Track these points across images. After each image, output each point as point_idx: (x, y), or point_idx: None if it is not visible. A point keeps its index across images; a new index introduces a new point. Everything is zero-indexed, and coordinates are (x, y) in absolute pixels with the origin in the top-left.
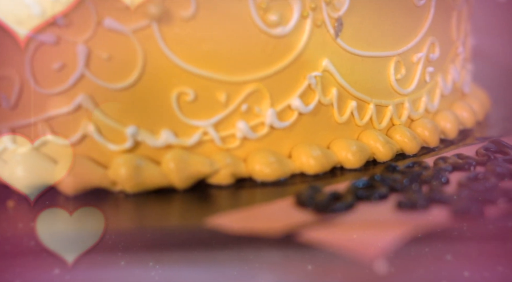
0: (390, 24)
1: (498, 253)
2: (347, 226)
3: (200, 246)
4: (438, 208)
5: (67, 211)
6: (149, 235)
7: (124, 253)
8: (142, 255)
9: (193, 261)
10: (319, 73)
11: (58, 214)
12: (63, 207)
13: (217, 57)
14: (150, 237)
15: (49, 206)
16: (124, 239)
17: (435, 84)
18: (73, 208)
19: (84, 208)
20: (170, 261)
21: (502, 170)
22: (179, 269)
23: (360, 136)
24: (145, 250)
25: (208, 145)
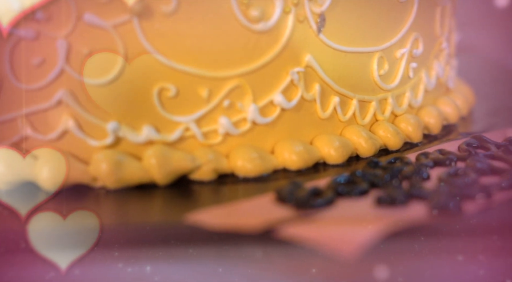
0: (373, 19)
1: (476, 248)
2: (326, 222)
3: (180, 242)
4: (417, 204)
5: (48, 209)
6: (130, 231)
7: (104, 249)
8: (122, 252)
9: (173, 257)
10: (301, 69)
11: (42, 213)
12: (44, 203)
13: (198, 52)
14: (131, 233)
15: (30, 202)
16: (105, 235)
17: (419, 80)
18: (53, 204)
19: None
20: (151, 258)
21: (482, 165)
22: (160, 266)
23: (343, 132)
24: (125, 246)
25: (190, 141)
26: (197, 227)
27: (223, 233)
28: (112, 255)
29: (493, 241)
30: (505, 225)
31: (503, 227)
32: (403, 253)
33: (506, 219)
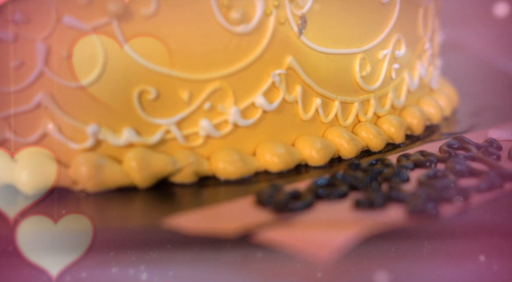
0: (354, 21)
1: (454, 250)
2: (304, 225)
3: (159, 246)
4: (395, 207)
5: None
6: (110, 235)
7: (84, 253)
8: (102, 256)
9: (152, 261)
10: (283, 71)
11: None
12: (23, 207)
13: (179, 55)
14: (111, 237)
15: (10, 205)
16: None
17: (402, 80)
18: (33, 207)
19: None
20: (130, 261)
21: (461, 167)
22: (139, 270)
23: (325, 133)
24: (105, 250)
25: (171, 143)
26: (175, 231)
27: (202, 237)
28: (92, 259)
29: (471, 244)
30: (483, 228)
31: (481, 230)
32: (380, 256)
33: (484, 222)
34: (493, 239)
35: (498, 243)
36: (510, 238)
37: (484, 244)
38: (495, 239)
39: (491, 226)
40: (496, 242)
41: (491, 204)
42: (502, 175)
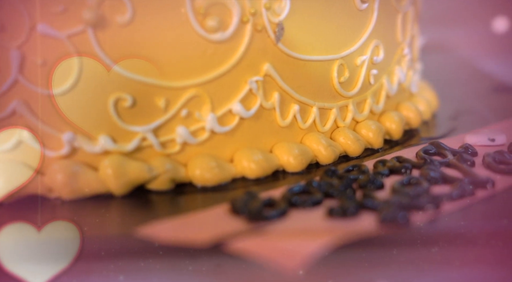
0: (332, 28)
1: (424, 258)
2: (276, 234)
3: (132, 255)
4: (367, 215)
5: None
6: (84, 243)
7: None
8: (76, 265)
9: (126, 270)
10: (260, 78)
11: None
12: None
13: (155, 62)
14: (85, 246)
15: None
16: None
17: (380, 86)
18: (7, 215)
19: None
20: (105, 271)
21: (435, 174)
22: (112, 279)
23: (303, 139)
24: (79, 259)
25: (148, 150)
26: (148, 240)
27: (174, 246)
28: (67, 268)
29: (442, 252)
30: (454, 235)
31: (452, 237)
32: (352, 265)
33: (455, 229)
34: (465, 247)
35: (470, 251)
36: (482, 245)
37: (456, 251)
38: (467, 247)
39: (463, 234)
40: (468, 250)
41: (463, 212)
42: (474, 182)
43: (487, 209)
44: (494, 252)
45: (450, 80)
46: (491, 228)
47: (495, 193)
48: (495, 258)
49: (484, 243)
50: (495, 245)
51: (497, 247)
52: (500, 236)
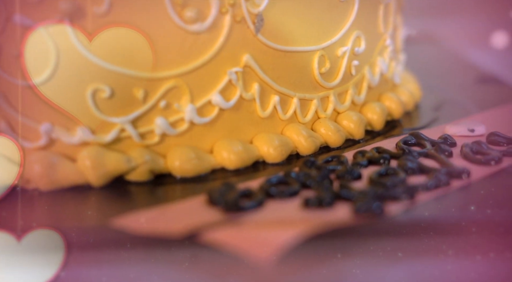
0: (313, 19)
1: (398, 248)
2: (250, 225)
3: (108, 246)
4: (343, 206)
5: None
6: (61, 234)
7: (35, 253)
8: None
9: (101, 261)
10: (239, 69)
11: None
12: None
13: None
14: (62, 237)
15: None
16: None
17: (362, 77)
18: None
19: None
20: (79, 262)
21: (413, 165)
22: (87, 270)
23: (284, 130)
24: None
25: (127, 141)
26: (124, 231)
27: (149, 237)
28: (43, 259)
29: (416, 242)
30: (428, 225)
31: (427, 227)
32: (326, 255)
33: (429, 219)
34: (439, 237)
35: (444, 241)
36: (456, 235)
37: (430, 241)
38: (441, 237)
39: (437, 224)
40: (442, 240)
41: (438, 202)
42: (450, 172)
43: (462, 199)
44: (468, 241)
45: (436, 71)
46: (465, 218)
47: (471, 183)
48: (469, 247)
49: (458, 232)
50: (469, 235)
51: (471, 236)
52: (474, 225)
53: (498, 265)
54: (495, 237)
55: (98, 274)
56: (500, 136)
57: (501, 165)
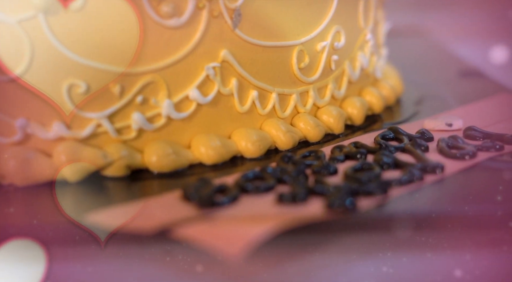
0: (291, 14)
1: (370, 243)
2: (223, 220)
3: (82, 241)
4: (316, 201)
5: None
6: (35, 230)
7: (9, 249)
8: (28, 251)
9: (75, 257)
10: (217, 64)
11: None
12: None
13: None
14: (35, 232)
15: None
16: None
17: (342, 71)
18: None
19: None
20: (54, 257)
21: (388, 159)
22: (62, 265)
23: (263, 125)
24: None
25: (103, 137)
26: (96, 227)
27: (123, 232)
28: (17, 254)
29: (389, 236)
30: (402, 220)
31: (400, 222)
32: (299, 250)
33: (402, 214)
34: (411, 232)
35: (417, 236)
36: (428, 229)
37: (403, 236)
38: (414, 232)
39: (410, 218)
40: (415, 235)
41: (411, 197)
42: (424, 167)
43: (436, 193)
44: (441, 236)
45: (420, 65)
46: (439, 212)
47: (445, 178)
48: (442, 241)
49: (431, 227)
50: (442, 229)
51: (444, 230)
52: (447, 220)
53: (471, 259)
54: (468, 232)
55: (72, 269)
56: (477, 130)
57: (476, 160)
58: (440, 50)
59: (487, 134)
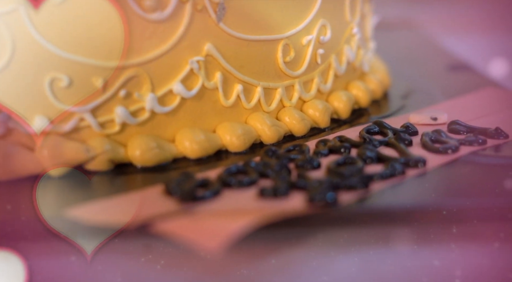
0: (276, 7)
1: (351, 237)
2: (204, 215)
3: (63, 235)
4: (298, 195)
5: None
6: (16, 225)
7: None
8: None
9: (57, 251)
10: (201, 58)
11: None
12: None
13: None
14: (18, 227)
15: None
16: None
17: (328, 65)
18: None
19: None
20: (36, 252)
21: (371, 154)
22: (39, 260)
23: (248, 119)
24: (12, 240)
25: (86, 131)
26: (76, 221)
27: (104, 227)
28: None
29: (370, 231)
30: (383, 214)
31: (381, 217)
32: (280, 244)
33: (383, 208)
34: (393, 226)
35: (398, 230)
36: (408, 224)
37: (384, 231)
38: (395, 226)
39: (390, 213)
40: (396, 229)
41: (393, 191)
42: (407, 161)
43: (417, 188)
44: (421, 229)
45: (409, 57)
46: (420, 207)
47: (427, 172)
48: (421, 235)
49: (411, 221)
50: (422, 223)
51: (424, 224)
52: (428, 214)
53: (452, 254)
54: (448, 226)
55: (53, 263)
56: (461, 125)
57: (458, 154)
58: (429, 43)
59: (470, 128)
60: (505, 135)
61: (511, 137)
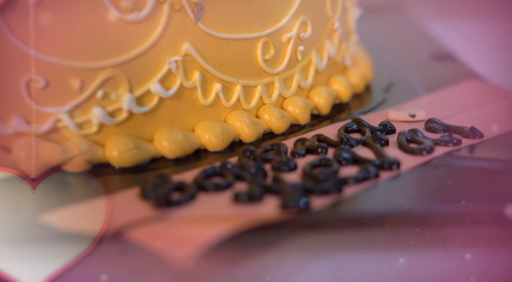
0: (255, 5)
1: (323, 243)
2: (176, 221)
3: (36, 241)
4: (272, 200)
5: None
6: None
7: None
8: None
9: (28, 257)
10: (179, 58)
11: None
12: None
13: (67, 43)
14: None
15: None
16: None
17: (309, 61)
18: None
19: None
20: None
21: (347, 155)
22: (13, 266)
23: (227, 117)
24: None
25: (64, 132)
26: (49, 227)
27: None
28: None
29: (344, 236)
30: (356, 219)
31: (355, 221)
32: (252, 250)
33: (357, 213)
34: (366, 231)
35: (371, 235)
36: (383, 228)
37: (357, 235)
38: (368, 231)
39: (364, 218)
40: (369, 234)
41: (366, 195)
42: (381, 164)
43: (390, 191)
44: (393, 233)
45: (395, 45)
46: (393, 210)
47: (400, 174)
48: (394, 239)
49: (385, 225)
50: (395, 227)
51: (397, 228)
52: (400, 217)
53: (425, 258)
54: (421, 229)
55: (25, 269)
56: (437, 123)
57: (433, 155)
58: (417, 29)
59: (447, 127)
60: (480, 134)
61: (486, 136)
